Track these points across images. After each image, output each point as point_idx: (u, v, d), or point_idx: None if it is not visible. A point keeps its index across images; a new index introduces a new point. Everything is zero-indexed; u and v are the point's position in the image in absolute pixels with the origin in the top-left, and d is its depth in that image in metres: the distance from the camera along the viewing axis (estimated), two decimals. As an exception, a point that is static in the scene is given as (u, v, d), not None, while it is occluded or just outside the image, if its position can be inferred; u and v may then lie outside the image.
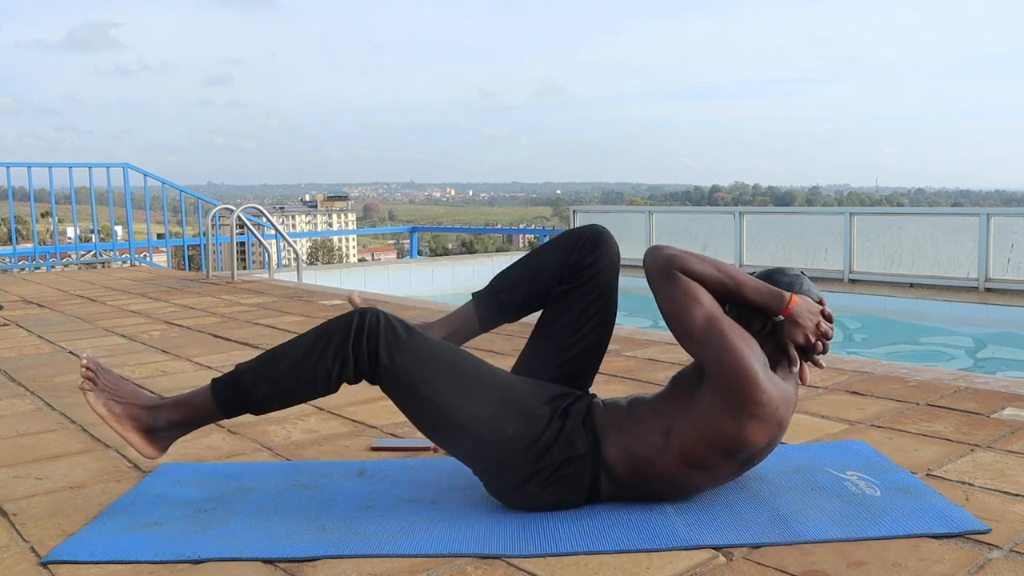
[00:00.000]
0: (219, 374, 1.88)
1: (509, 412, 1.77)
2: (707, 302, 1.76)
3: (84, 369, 1.81)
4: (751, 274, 1.86)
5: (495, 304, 1.99)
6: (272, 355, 1.82)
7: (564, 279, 1.95)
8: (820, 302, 1.84)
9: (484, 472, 1.83)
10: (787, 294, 1.78)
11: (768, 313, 1.79)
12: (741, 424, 1.71)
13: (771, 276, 1.86)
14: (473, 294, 2.04)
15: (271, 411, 1.86)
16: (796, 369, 1.81)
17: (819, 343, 1.80)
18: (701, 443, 1.73)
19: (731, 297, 1.80)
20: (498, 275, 2.03)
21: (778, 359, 1.80)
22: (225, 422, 2.66)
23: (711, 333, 1.73)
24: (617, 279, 1.97)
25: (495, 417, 1.76)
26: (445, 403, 1.76)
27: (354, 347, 1.75)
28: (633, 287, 3.46)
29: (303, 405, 2.84)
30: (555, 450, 1.76)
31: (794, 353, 1.80)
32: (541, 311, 2.01)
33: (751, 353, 1.72)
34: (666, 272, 1.78)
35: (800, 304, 1.78)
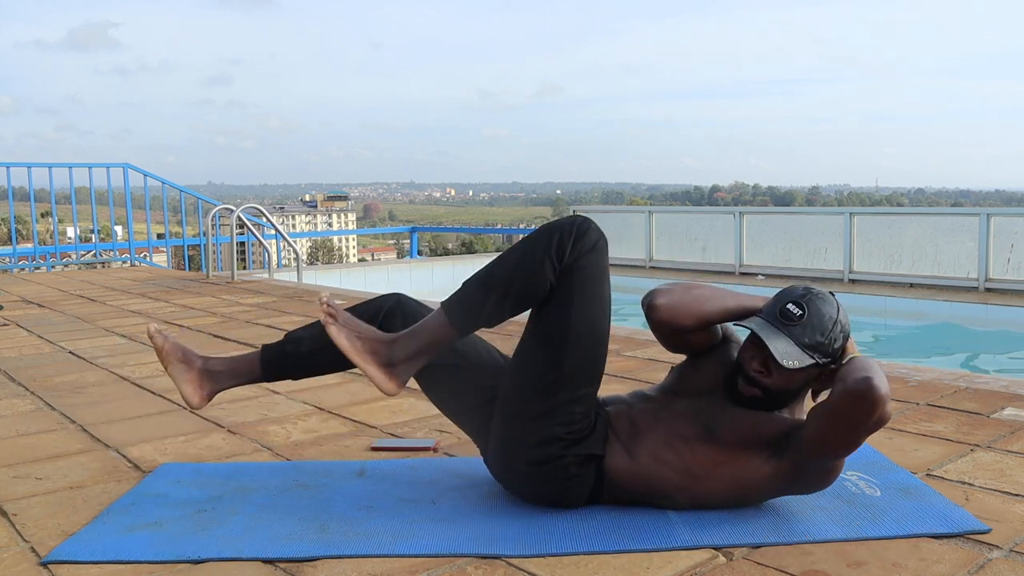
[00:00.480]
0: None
1: (593, 379, 1.79)
2: None
3: (325, 305, 1.79)
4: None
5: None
6: (494, 263, 1.80)
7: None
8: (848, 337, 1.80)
9: (516, 434, 1.79)
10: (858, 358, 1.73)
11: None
12: (783, 490, 1.78)
13: (844, 329, 1.77)
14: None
15: (501, 318, 1.79)
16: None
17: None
18: (731, 496, 1.78)
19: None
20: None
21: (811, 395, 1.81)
22: (225, 422, 2.66)
23: (838, 463, 1.74)
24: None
25: (584, 375, 1.77)
26: (576, 329, 1.75)
27: (574, 241, 1.75)
28: (632, 287, 3.46)
29: (303, 405, 2.85)
30: (587, 443, 1.77)
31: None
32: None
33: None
34: (878, 428, 1.64)
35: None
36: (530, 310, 1.81)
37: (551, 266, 1.74)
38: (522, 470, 1.81)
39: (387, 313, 1.97)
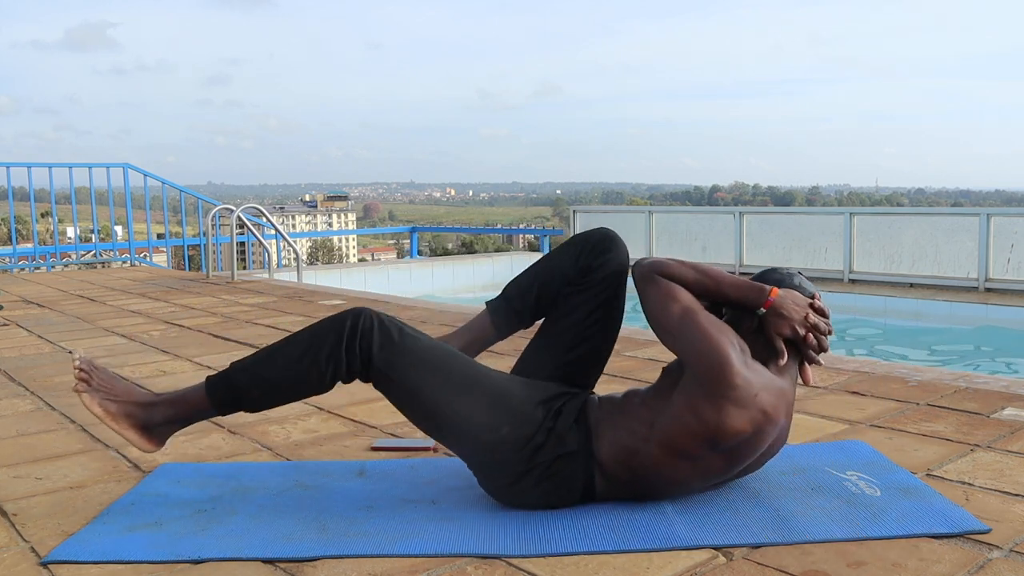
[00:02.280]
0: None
1: (502, 413, 1.78)
2: (684, 299, 1.80)
3: (77, 370, 1.83)
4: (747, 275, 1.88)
5: (508, 311, 2.03)
6: (266, 354, 1.84)
7: (573, 281, 1.97)
8: (812, 296, 1.85)
9: (479, 469, 1.85)
10: (768, 287, 1.80)
11: (749, 307, 1.81)
12: (719, 409, 1.70)
13: (762, 275, 1.89)
14: (487, 303, 2.07)
15: (265, 409, 1.89)
16: (782, 362, 1.79)
17: (810, 336, 1.80)
18: (683, 431, 1.74)
19: (712, 296, 1.84)
20: (510, 282, 2.06)
21: (770, 355, 1.80)
22: (225, 422, 2.66)
23: (685, 325, 1.77)
24: (625, 283, 1.99)
25: (488, 418, 1.78)
26: (439, 403, 1.79)
27: (347, 349, 1.77)
28: (632, 287, 3.45)
29: (303, 405, 2.85)
30: (547, 448, 1.77)
31: (780, 346, 1.79)
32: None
33: (724, 339, 1.74)
34: (647, 276, 1.84)
35: (783, 296, 1.80)
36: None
37: (317, 374, 1.78)
38: (502, 491, 1.83)
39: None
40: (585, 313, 1.95)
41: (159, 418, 1.85)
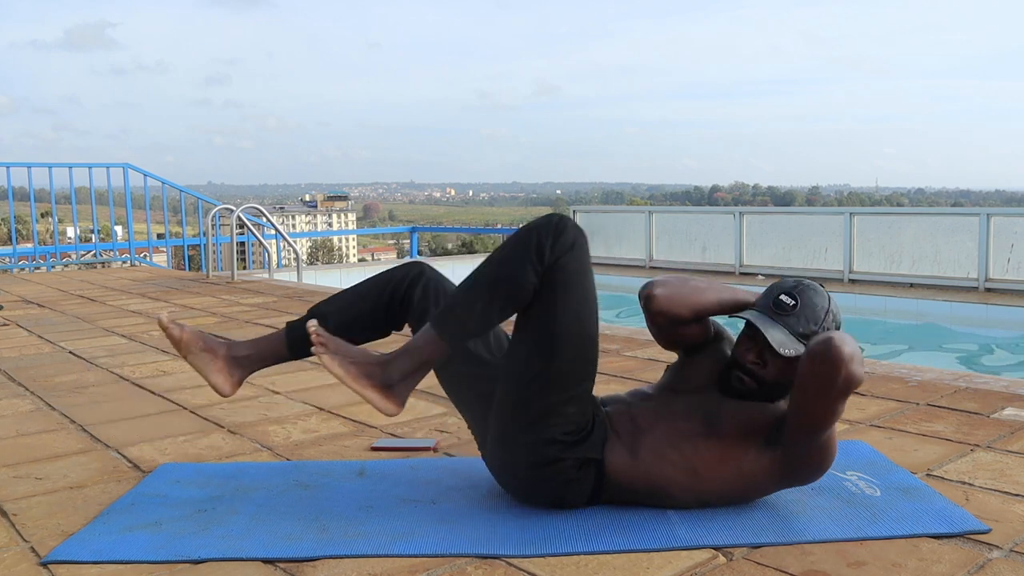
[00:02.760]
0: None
1: (585, 380, 1.78)
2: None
3: (314, 334, 1.77)
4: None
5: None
6: (476, 272, 1.79)
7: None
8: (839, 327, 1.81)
9: (515, 434, 1.79)
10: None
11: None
12: (789, 487, 1.80)
13: (836, 319, 1.79)
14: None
15: (489, 326, 1.79)
16: None
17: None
18: (734, 492, 1.79)
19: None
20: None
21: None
22: (225, 422, 2.66)
23: (827, 441, 1.73)
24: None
25: (577, 375, 1.76)
26: (563, 331, 1.74)
27: (553, 241, 1.73)
28: (632, 287, 3.46)
29: (303, 405, 2.85)
30: (586, 446, 1.77)
31: None
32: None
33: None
34: (847, 392, 1.64)
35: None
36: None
37: (533, 268, 1.73)
38: (520, 473, 1.81)
39: (411, 282, 1.96)
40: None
41: (396, 374, 1.78)
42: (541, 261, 1.73)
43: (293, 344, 1.96)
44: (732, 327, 1.93)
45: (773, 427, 1.75)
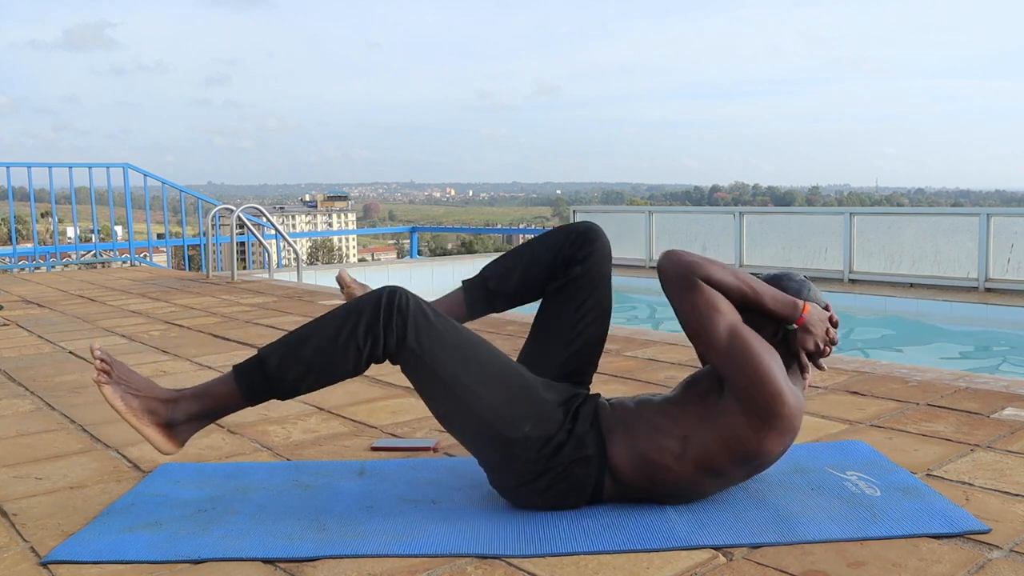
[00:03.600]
0: (219, 373, 1.86)
1: (527, 411, 1.76)
2: (728, 312, 1.75)
3: (98, 361, 1.74)
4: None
5: (484, 292, 1.99)
6: (298, 336, 1.76)
7: (556, 274, 1.95)
8: (826, 308, 1.85)
9: (493, 466, 1.82)
10: (800, 302, 1.78)
11: (783, 321, 1.79)
12: (762, 435, 1.72)
13: (779, 282, 1.86)
14: (463, 281, 2.04)
15: (298, 395, 1.79)
16: (808, 377, 1.83)
17: (827, 348, 1.82)
18: (721, 452, 1.74)
19: (750, 305, 1.79)
20: (489, 264, 2.02)
21: (788, 365, 1.80)
22: (225, 422, 2.66)
23: (735, 345, 1.72)
24: (610, 274, 1.97)
25: (513, 414, 1.75)
26: (466, 392, 1.74)
27: (384, 326, 1.71)
28: (632, 287, 3.46)
29: (303, 405, 2.85)
30: (566, 450, 1.76)
31: (806, 360, 1.81)
32: (538, 308, 2.01)
33: (776, 366, 1.72)
34: (687, 280, 1.75)
35: (812, 312, 1.79)
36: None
37: (355, 351, 1.72)
38: (513, 489, 1.82)
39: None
40: (576, 305, 1.93)
41: (182, 415, 1.77)
42: (371, 345, 1.72)
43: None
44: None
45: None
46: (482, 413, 1.75)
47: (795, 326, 1.78)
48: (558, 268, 1.95)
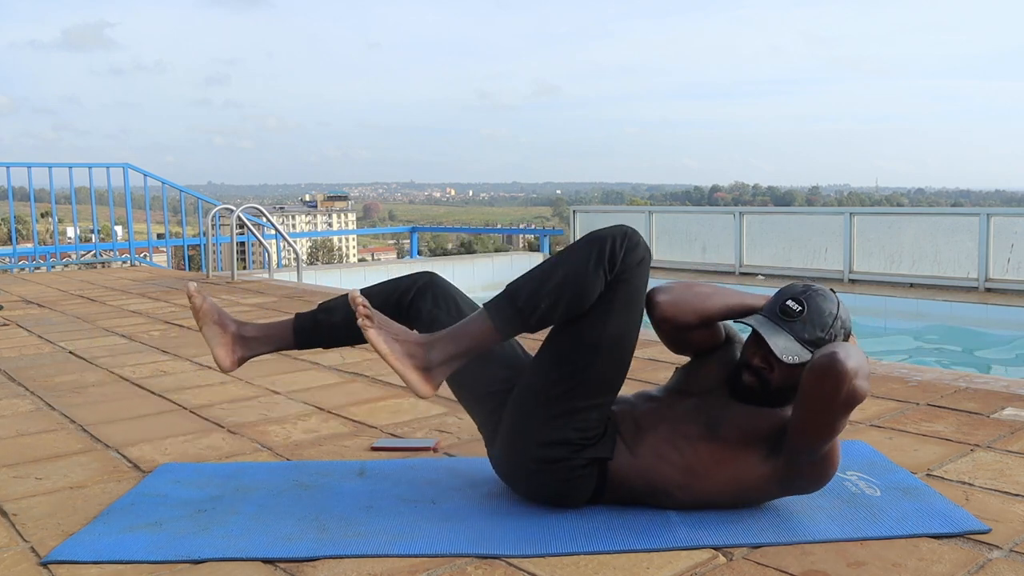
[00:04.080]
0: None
1: (615, 388, 1.80)
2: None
3: (361, 306, 1.75)
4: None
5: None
6: (543, 269, 1.78)
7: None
8: (849, 335, 1.80)
9: (529, 432, 1.79)
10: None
11: None
12: (787, 495, 1.80)
13: (845, 325, 1.78)
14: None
15: (548, 324, 1.79)
16: None
17: None
18: (732, 497, 1.78)
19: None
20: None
21: None
22: (225, 422, 2.66)
23: (828, 454, 1.72)
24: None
25: (609, 383, 1.78)
26: (608, 348, 1.76)
27: (625, 254, 1.75)
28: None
29: (303, 405, 2.85)
30: (596, 447, 1.77)
31: None
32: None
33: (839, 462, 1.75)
34: (849, 406, 1.63)
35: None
36: None
37: (603, 276, 1.74)
38: (528, 467, 1.81)
39: (419, 290, 1.99)
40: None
41: (438, 357, 1.77)
42: (612, 270, 1.74)
43: (300, 333, 1.98)
44: (743, 331, 1.92)
45: (775, 435, 1.73)
46: (591, 375, 1.76)
47: None
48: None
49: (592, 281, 1.74)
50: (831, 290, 1.79)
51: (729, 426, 1.75)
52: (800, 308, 1.73)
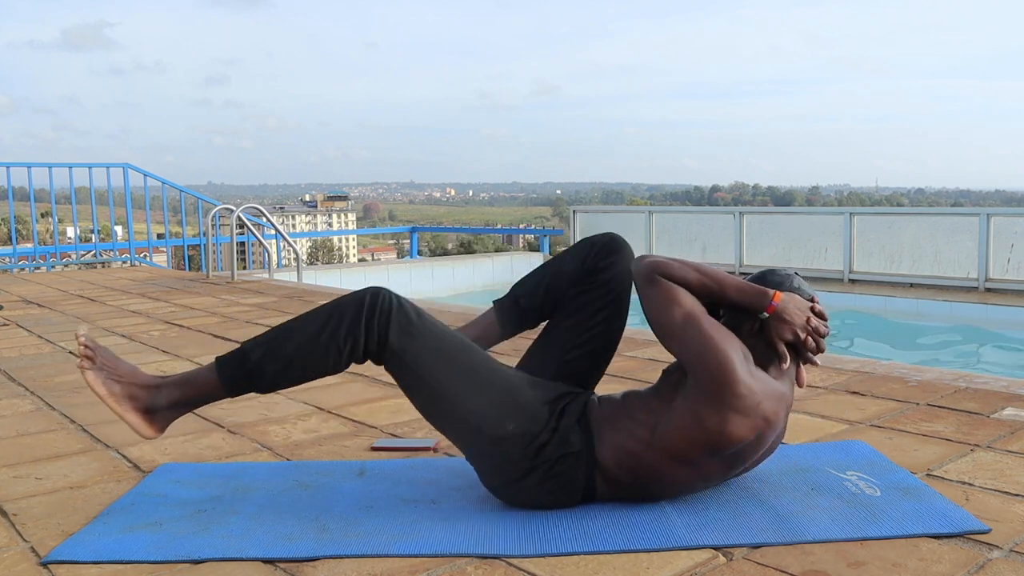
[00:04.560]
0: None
1: (510, 409, 1.78)
2: (687, 302, 1.78)
3: (82, 347, 1.76)
4: (744, 275, 1.88)
5: (516, 310, 2.02)
6: (281, 332, 1.80)
7: (578, 282, 1.97)
8: (812, 299, 1.85)
9: (481, 465, 1.84)
10: (771, 291, 1.79)
11: (753, 311, 1.80)
12: (722, 417, 1.70)
13: (762, 276, 1.88)
14: (494, 301, 2.07)
15: (277, 389, 1.83)
16: (786, 366, 1.80)
17: (809, 340, 1.80)
18: (684, 438, 1.74)
19: (715, 298, 1.82)
20: (518, 282, 2.07)
21: (770, 358, 1.80)
22: (225, 422, 2.66)
23: (688, 329, 1.75)
24: (630, 288, 1.97)
25: (497, 413, 1.77)
26: (449, 393, 1.78)
27: (366, 327, 1.74)
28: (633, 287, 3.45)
29: (303, 405, 2.85)
30: (551, 447, 1.77)
31: (783, 350, 1.79)
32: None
33: (729, 345, 1.73)
34: (648, 277, 1.80)
35: (785, 300, 1.79)
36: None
37: (336, 350, 1.75)
38: (503, 488, 1.83)
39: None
40: (589, 314, 1.95)
41: (163, 402, 1.79)
42: (353, 349, 1.76)
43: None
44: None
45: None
46: (465, 412, 1.77)
47: (766, 315, 1.78)
48: (583, 278, 1.97)
49: (323, 353, 1.76)
50: (798, 276, 1.89)
51: (673, 370, 1.83)
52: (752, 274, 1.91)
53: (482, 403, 1.77)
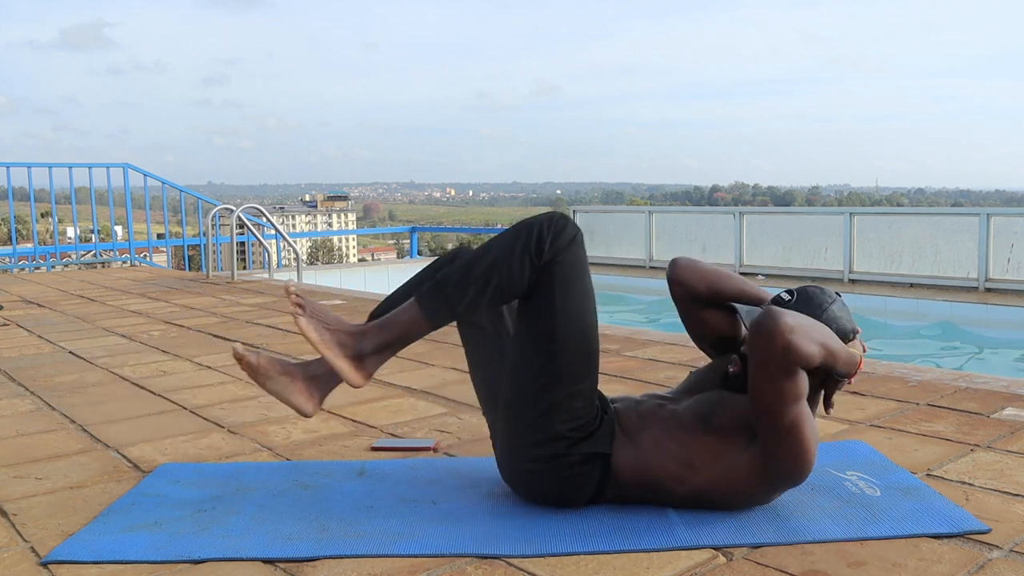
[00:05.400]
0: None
1: (585, 385, 1.78)
2: (803, 396, 1.66)
3: (294, 296, 1.77)
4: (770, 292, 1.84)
5: (446, 307, 1.87)
6: (473, 256, 1.80)
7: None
8: (855, 331, 1.80)
9: (520, 435, 1.80)
10: (858, 356, 1.74)
11: (845, 377, 1.75)
12: (776, 488, 1.77)
13: (805, 292, 1.79)
14: (416, 296, 1.98)
15: (477, 310, 1.81)
16: (832, 413, 1.84)
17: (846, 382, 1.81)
18: (727, 489, 1.76)
19: (827, 371, 1.73)
20: (448, 272, 1.86)
21: (815, 402, 1.79)
22: (225, 422, 2.66)
23: (793, 430, 1.67)
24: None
25: (573, 381, 1.76)
26: (563, 336, 1.75)
27: (552, 239, 1.75)
28: (632, 287, 3.45)
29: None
30: (588, 442, 1.76)
31: (833, 401, 1.81)
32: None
33: (815, 441, 1.71)
34: (788, 365, 1.62)
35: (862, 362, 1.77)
36: (517, 308, 1.82)
37: (530, 262, 1.75)
38: (526, 468, 1.81)
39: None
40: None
41: (370, 347, 1.79)
42: (539, 256, 1.75)
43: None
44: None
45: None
46: (557, 364, 1.75)
47: (849, 381, 1.77)
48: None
49: (517, 267, 1.75)
50: (836, 293, 1.80)
51: (720, 414, 1.76)
52: (790, 298, 1.78)
53: (579, 358, 1.76)
